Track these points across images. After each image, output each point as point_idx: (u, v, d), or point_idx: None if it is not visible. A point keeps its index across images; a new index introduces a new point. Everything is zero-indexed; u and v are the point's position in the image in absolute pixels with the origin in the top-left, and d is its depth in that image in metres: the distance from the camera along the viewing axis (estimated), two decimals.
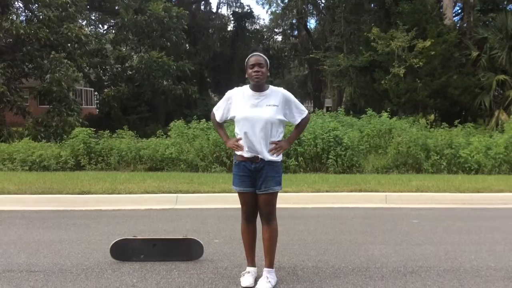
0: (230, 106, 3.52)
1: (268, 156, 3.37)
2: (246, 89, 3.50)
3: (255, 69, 3.38)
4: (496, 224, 5.63)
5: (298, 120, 3.55)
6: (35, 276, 3.70)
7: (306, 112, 3.59)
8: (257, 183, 3.41)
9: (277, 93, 3.47)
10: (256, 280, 3.46)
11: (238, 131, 3.45)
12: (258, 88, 3.43)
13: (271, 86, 3.49)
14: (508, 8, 20.52)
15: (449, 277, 3.64)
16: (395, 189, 7.42)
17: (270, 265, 3.48)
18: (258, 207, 3.48)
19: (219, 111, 3.61)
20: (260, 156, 3.38)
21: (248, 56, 3.49)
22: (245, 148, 3.39)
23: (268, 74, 3.48)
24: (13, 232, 5.20)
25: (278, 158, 3.43)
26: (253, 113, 3.38)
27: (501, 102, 17.45)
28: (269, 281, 3.39)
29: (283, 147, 3.44)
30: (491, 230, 5.28)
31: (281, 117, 3.42)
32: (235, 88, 3.58)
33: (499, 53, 17.37)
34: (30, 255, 4.26)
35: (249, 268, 3.58)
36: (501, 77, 17.25)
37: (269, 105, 3.39)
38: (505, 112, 16.70)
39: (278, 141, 3.42)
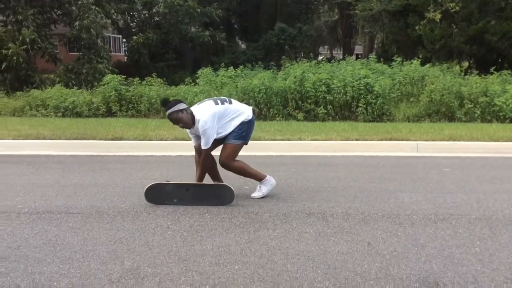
0: None
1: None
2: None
3: (179, 125, 4.05)
4: None
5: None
6: (74, 217, 3.85)
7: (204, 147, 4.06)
8: None
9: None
10: None
11: None
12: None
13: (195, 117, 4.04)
14: None
15: (480, 225, 3.62)
16: (427, 138, 7.31)
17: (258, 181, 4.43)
18: None
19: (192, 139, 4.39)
20: None
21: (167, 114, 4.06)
22: None
23: (187, 111, 4.01)
24: (50, 176, 5.39)
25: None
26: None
27: None
28: (259, 190, 4.41)
29: None
30: None
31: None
32: None
33: None
34: (67, 198, 4.43)
35: None
36: None
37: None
38: None
39: None
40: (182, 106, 4.02)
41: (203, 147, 4.03)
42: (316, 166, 5.98)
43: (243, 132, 4.23)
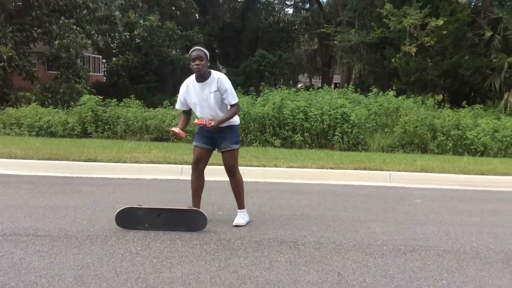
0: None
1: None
2: (192, 79, 4.28)
3: (196, 62, 4.05)
4: (498, 206, 5.65)
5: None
6: (41, 240, 3.77)
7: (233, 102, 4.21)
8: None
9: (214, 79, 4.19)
10: None
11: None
12: (200, 78, 4.18)
13: (212, 73, 4.19)
14: None
15: (448, 257, 3.67)
16: (400, 168, 7.43)
17: (240, 207, 4.45)
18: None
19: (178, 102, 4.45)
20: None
21: (190, 50, 4.16)
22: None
23: (208, 64, 4.18)
24: (20, 196, 5.28)
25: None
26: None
27: None
28: (243, 218, 4.41)
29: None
30: (493, 212, 5.30)
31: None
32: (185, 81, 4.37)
33: None
34: (36, 220, 4.33)
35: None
36: None
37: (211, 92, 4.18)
38: None
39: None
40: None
41: (232, 102, 4.19)
42: (290, 193, 6.01)
43: (237, 136, 4.46)
